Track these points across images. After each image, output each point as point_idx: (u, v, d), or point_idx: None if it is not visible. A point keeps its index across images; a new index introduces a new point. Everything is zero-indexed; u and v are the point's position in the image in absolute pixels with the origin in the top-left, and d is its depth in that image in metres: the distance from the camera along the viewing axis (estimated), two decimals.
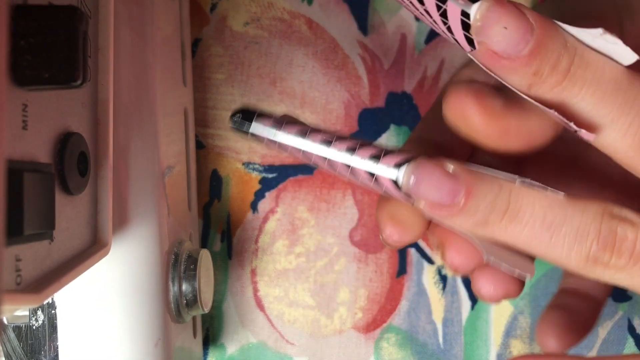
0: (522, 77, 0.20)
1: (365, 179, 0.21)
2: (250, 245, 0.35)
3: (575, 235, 0.21)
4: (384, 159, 0.21)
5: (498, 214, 0.21)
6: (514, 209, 0.21)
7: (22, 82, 0.17)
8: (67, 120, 0.21)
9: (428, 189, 0.21)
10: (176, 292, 0.27)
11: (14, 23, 0.17)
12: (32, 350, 0.25)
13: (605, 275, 0.21)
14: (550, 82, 0.20)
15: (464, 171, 0.21)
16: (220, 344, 0.35)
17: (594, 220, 0.21)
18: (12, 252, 0.17)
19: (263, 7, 0.35)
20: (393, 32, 0.34)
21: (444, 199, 0.21)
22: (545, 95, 0.20)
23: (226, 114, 0.35)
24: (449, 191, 0.20)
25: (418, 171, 0.21)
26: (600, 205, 0.21)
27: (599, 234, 0.21)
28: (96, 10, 0.22)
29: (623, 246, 0.21)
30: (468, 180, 0.21)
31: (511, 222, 0.21)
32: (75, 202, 0.21)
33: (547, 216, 0.21)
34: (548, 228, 0.21)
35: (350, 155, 0.21)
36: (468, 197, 0.21)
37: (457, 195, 0.21)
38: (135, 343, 0.25)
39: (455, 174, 0.21)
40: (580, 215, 0.21)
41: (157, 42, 0.28)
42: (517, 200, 0.21)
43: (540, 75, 0.20)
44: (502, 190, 0.21)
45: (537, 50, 0.19)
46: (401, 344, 0.35)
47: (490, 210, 0.21)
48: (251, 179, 0.35)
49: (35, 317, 0.25)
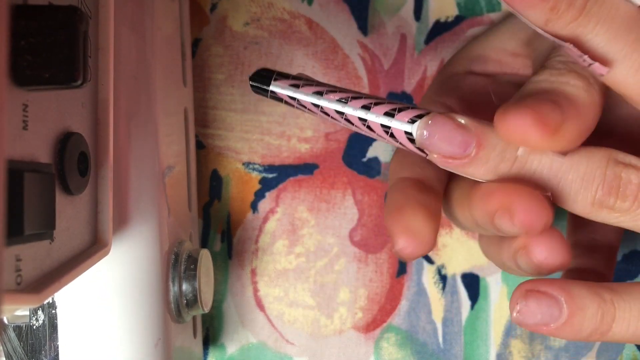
0: (540, 13, 0.21)
1: (382, 134, 0.22)
2: (250, 245, 0.35)
3: (581, 181, 0.22)
4: (399, 115, 0.22)
5: (508, 163, 0.22)
6: (522, 157, 0.22)
7: (23, 82, 0.17)
8: (68, 120, 0.21)
9: (441, 141, 0.21)
10: (176, 292, 0.27)
11: (14, 23, 0.17)
12: (33, 350, 0.25)
13: (611, 218, 0.22)
14: (567, 17, 0.21)
15: (476, 123, 0.22)
16: (220, 344, 0.35)
17: (599, 166, 0.22)
18: (13, 252, 0.17)
19: (263, 7, 0.35)
20: (393, 32, 0.34)
21: (456, 151, 0.21)
22: (561, 31, 0.21)
23: (226, 114, 0.35)
24: (460, 142, 0.21)
25: (431, 125, 0.22)
26: (606, 152, 0.22)
27: (604, 179, 0.22)
28: (96, 10, 0.22)
29: (627, 190, 0.22)
30: (479, 132, 0.21)
31: (520, 170, 0.22)
32: (75, 202, 0.21)
33: (554, 164, 0.22)
34: (555, 175, 0.22)
35: (366, 112, 0.22)
36: (479, 147, 0.21)
37: (469, 147, 0.21)
38: (136, 343, 0.25)
39: (466, 126, 0.21)
40: (586, 162, 0.22)
41: (157, 42, 0.28)
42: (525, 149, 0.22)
43: (557, 10, 0.20)
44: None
45: None
46: (401, 343, 0.35)
47: (500, 159, 0.22)
48: (251, 179, 0.35)
49: (35, 316, 0.25)
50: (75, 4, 0.21)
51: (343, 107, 0.23)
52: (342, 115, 0.23)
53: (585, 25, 0.21)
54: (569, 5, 0.21)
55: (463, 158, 0.22)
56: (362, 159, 0.35)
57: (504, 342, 0.34)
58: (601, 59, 0.21)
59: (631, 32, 0.21)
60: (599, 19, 0.21)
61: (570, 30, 0.21)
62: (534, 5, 0.21)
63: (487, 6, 0.34)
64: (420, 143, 0.22)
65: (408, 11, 0.34)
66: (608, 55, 0.21)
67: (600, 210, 0.22)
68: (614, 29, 0.21)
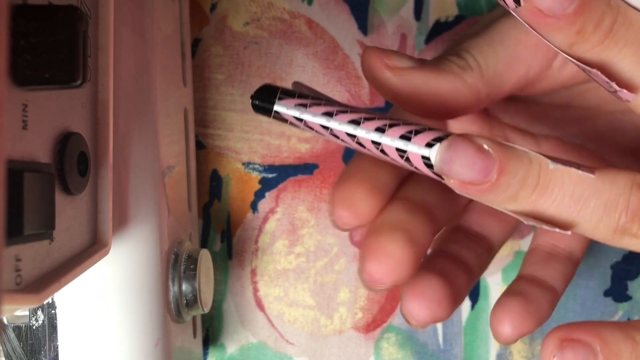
0: (566, 36, 0.20)
1: (397, 158, 0.21)
2: (250, 245, 0.35)
3: (604, 207, 0.21)
4: (415, 138, 0.21)
5: (528, 189, 0.21)
6: (544, 183, 0.21)
7: (22, 82, 0.17)
8: (67, 120, 0.21)
9: (461, 167, 0.20)
10: (176, 292, 0.27)
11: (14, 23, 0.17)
12: (32, 350, 0.25)
13: (632, 244, 0.21)
14: (593, 40, 0.20)
15: (497, 146, 0.21)
16: (220, 344, 0.35)
17: (622, 192, 0.21)
18: (12, 252, 0.17)
19: (263, 7, 0.35)
20: (393, 32, 0.34)
21: (476, 177, 0.20)
22: (586, 55, 0.20)
23: (226, 114, 0.35)
24: (481, 168, 0.20)
25: (450, 150, 0.20)
26: (630, 176, 0.21)
27: (628, 205, 0.21)
28: (96, 10, 0.22)
29: None
30: (501, 156, 0.20)
31: (541, 196, 0.21)
32: (75, 202, 0.21)
33: (576, 190, 0.21)
34: (577, 202, 0.21)
35: (380, 136, 0.21)
36: (500, 173, 0.20)
37: (489, 173, 0.20)
38: (135, 343, 0.25)
39: (488, 150, 0.20)
40: (609, 188, 0.21)
41: (157, 42, 0.28)
42: (547, 174, 0.21)
43: (584, 33, 0.20)
44: (532, 165, 0.21)
45: (581, 8, 0.19)
46: (401, 344, 0.35)
47: (520, 185, 0.21)
48: (251, 179, 0.35)
49: (35, 317, 0.25)
50: (75, 3, 0.21)
51: (355, 130, 0.21)
52: (353, 138, 0.21)
53: (611, 48, 0.20)
54: (596, 27, 0.20)
55: (483, 184, 0.20)
56: None
57: None
58: (627, 85, 0.21)
59: None
60: (626, 42, 0.20)
61: (596, 53, 0.20)
62: (559, 28, 0.20)
63: (488, 6, 0.34)
64: (439, 169, 0.21)
65: (408, 11, 0.34)
66: (635, 79, 0.20)
67: (623, 237, 0.21)
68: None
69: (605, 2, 0.20)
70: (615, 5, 0.20)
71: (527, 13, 0.20)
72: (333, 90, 0.35)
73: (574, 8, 0.19)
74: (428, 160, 0.21)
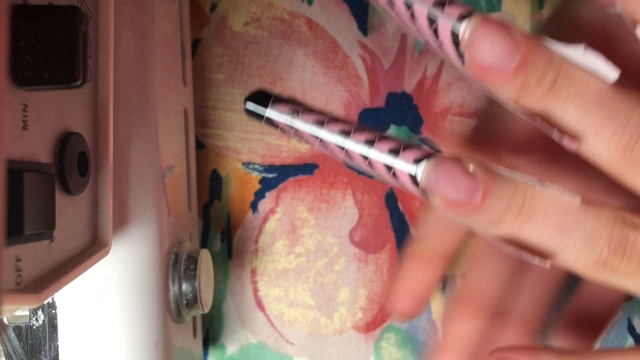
0: (510, 90, 0.21)
1: (383, 172, 0.21)
2: (250, 245, 0.35)
3: (586, 239, 0.21)
4: (403, 154, 0.21)
5: (512, 215, 0.21)
6: (528, 210, 0.21)
7: (22, 82, 0.17)
8: (67, 120, 0.21)
9: (446, 186, 0.21)
10: (176, 292, 0.27)
11: (14, 23, 0.17)
12: (33, 350, 0.25)
13: (612, 279, 0.22)
14: (537, 94, 0.21)
15: (483, 170, 0.21)
16: (220, 344, 0.35)
17: (606, 226, 0.21)
18: (12, 252, 0.17)
19: (263, 7, 0.35)
20: (393, 32, 0.34)
21: (461, 197, 0.21)
22: (532, 107, 0.21)
23: (226, 114, 0.35)
24: (466, 189, 0.21)
25: (437, 168, 0.21)
26: (614, 211, 0.22)
27: (611, 239, 0.21)
28: (96, 10, 0.22)
29: (634, 252, 0.21)
30: (486, 180, 0.21)
31: (525, 223, 0.21)
32: (75, 202, 0.21)
33: (560, 219, 0.21)
34: (560, 231, 0.21)
35: (368, 148, 0.21)
36: (485, 196, 0.21)
37: (474, 194, 0.21)
38: (135, 343, 0.25)
39: (474, 172, 0.21)
40: (593, 220, 0.21)
41: (157, 42, 0.28)
42: (532, 201, 0.21)
43: (527, 88, 0.21)
44: (517, 191, 0.21)
45: (523, 65, 0.20)
46: (401, 343, 0.35)
47: (505, 210, 0.21)
48: (251, 179, 0.35)
49: (35, 317, 0.25)
50: (75, 4, 0.21)
51: (344, 141, 0.21)
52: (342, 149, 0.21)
53: (555, 101, 0.21)
54: (539, 83, 0.21)
55: (467, 205, 0.21)
56: None
57: None
58: (571, 135, 0.21)
59: (600, 108, 0.21)
60: (569, 96, 0.21)
61: (541, 106, 0.21)
62: (503, 83, 0.21)
63: (487, 6, 0.34)
64: (425, 185, 0.21)
65: None
66: (578, 130, 0.21)
67: (603, 270, 0.21)
68: (583, 105, 0.21)
69: (547, 58, 0.21)
70: (557, 61, 0.21)
71: (472, 69, 0.21)
72: (333, 90, 0.35)
73: (515, 64, 0.20)
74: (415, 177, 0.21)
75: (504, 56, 0.20)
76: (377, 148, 0.21)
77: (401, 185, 0.21)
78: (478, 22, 0.20)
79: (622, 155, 0.21)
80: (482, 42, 0.20)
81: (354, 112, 0.35)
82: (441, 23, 0.20)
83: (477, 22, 0.20)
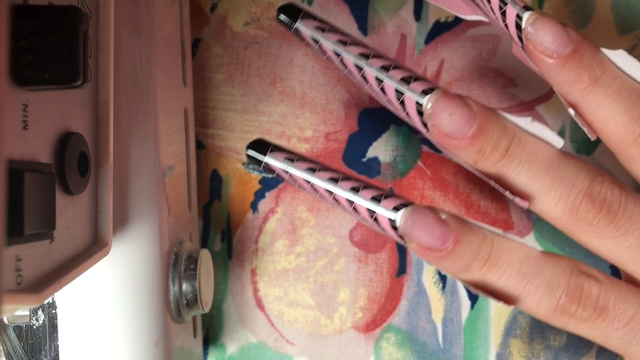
0: (468, 154, 0.24)
1: (366, 217, 0.24)
2: (250, 245, 0.35)
3: (547, 286, 0.24)
4: (384, 201, 0.24)
5: (480, 261, 0.24)
6: (494, 258, 0.24)
7: (23, 82, 0.17)
8: (68, 120, 0.21)
9: (421, 232, 0.23)
10: (176, 292, 0.27)
11: (14, 23, 0.17)
12: (33, 350, 0.25)
13: (570, 325, 0.24)
14: (492, 159, 0.24)
15: (455, 220, 0.24)
16: (220, 343, 0.35)
17: (564, 274, 0.24)
18: (13, 252, 0.17)
19: (263, 7, 0.35)
20: (393, 32, 0.34)
21: (434, 243, 0.23)
22: (488, 170, 0.24)
23: (226, 114, 0.35)
24: (439, 236, 0.23)
25: (414, 215, 0.23)
26: (570, 262, 0.24)
27: (568, 287, 0.23)
28: (96, 11, 0.22)
29: (588, 300, 0.23)
30: (457, 228, 0.23)
31: (491, 269, 0.24)
32: (75, 202, 0.21)
33: (523, 267, 0.24)
34: (523, 277, 0.24)
35: (353, 195, 0.24)
36: (456, 243, 0.23)
37: (446, 241, 0.23)
38: (136, 343, 0.25)
39: (446, 221, 0.23)
40: (552, 269, 0.24)
41: (157, 42, 0.28)
42: (498, 250, 0.24)
43: (483, 153, 0.24)
44: (485, 240, 0.24)
45: (479, 133, 0.23)
46: (401, 343, 0.35)
47: (474, 257, 0.23)
48: (251, 179, 0.35)
49: (35, 316, 0.25)
50: (75, 4, 0.21)
51: (334, 187, 0.24)
52: (330, 194, 0.24)
53: (508, 165, 0.24)
54: (494, 149, 0.23)
55: (440, 251, 0.23)
56: (362, 159, 0.35)
57: (504, 341, 0.34)
58: (522, 195, 0.24)
59: (549, 172, 0.24)
60: (521, 161, 0.24)
61: (496, 169, 0.24)
62: (462, 148, 0.24)
63: None
64: (403, 231, 0.23)
65: (408, 11, 0.34)
66: (530, 191, 0.24)
67: (562, 316, 0.24)
68: (534, 169, 0.24)
69: (501, 127, 0.24)
70: (511, 130, 0.24)
71: (435, 136, 0.24)
72: (333, 90, 0.35)
73: (472, 132, 0.23)
74: (394, 222, 0.23)
75: (462, 125, 0.23)
76: (361, 195, 0.24)
77: (382, 230, 0.24)
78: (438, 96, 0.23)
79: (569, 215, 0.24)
80: (442, 113, 0.23)
81: (354, 112, 0.35)
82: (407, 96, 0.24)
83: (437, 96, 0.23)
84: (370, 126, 0.35)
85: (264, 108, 0.35)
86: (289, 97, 0.35)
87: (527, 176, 0.24)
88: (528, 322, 0.34)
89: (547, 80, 0.24)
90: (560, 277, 0.24)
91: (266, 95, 0.35)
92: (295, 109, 0.35)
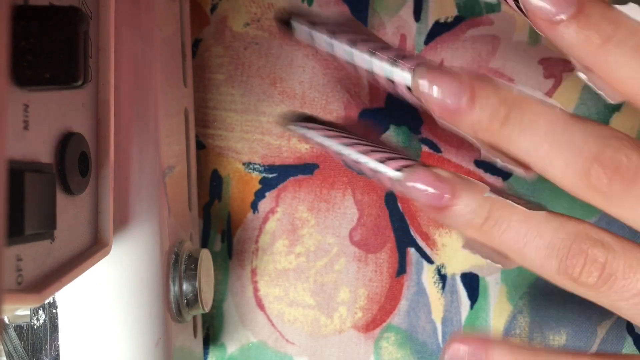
0: (467, 126, 0.23)
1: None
2: (250, 245, 0.35)
3: (545, 249, 0.23)
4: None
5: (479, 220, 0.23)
6: (493, 216, 0.23)
7: (23, 82, 0.17)
8: (68, 120, 0.21)
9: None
10: (177, 292, 0.27)
11: (15, 23, 0.17)
12: (34, 350, 0.25)
13: (577, 289, 0.23)
14: (491, 128, 0.23)
15: (453, 177, 0.24)
16: (221, 343, 0.35)
17: (565, 239, 0.23)
18: (13, 252, 0.17)
19: (263, 7, 0.35)
20: (393, 32, 0.34)
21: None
22: (489, 140, 0.24)
23: (226, 114, 0.35)
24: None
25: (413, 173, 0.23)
26: (579, 225, 0.23)
27: (569, 252, 0.23)
28: (97, 11, 0.22)
29: (593, 267, 0.22)
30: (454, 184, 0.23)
31: (491, 227, 0.23)
32: (76, 202, 0.21)
33: (522, 228, 0.23)
34: (523, 237, 0.23)
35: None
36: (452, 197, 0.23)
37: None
38: (136, 342, 0.26)
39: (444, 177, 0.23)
40: (553, 232, 0.23)
41: (157, 43, 0.28)
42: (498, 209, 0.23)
43: (481, 122, 0.23)
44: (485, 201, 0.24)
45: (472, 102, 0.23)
46: (401, 343, 0.35)
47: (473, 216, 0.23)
48: (251, 179, 0.35)
49: (36, 316, 0.25)
50: (75, 4, 0.21)
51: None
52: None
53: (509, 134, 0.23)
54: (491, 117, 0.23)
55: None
56: None
57: None
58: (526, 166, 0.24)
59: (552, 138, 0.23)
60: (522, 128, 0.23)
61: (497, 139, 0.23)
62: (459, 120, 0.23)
63: (487, 7, 0.34)
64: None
65: (408, 11, 0.34)
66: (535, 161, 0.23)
67: (565, 279, 0.23)
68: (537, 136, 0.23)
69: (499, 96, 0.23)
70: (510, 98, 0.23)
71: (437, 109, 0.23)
72: (333, 90, 0.35)
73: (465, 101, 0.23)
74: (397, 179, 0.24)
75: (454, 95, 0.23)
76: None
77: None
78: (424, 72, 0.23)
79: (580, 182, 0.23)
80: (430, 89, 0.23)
81: (354, 112, 0.35)
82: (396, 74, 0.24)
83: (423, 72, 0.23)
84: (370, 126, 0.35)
85: (264, 108, 0.35)
86: (289, 98, 0.35)
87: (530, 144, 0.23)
88: (527, 322, 0.34)
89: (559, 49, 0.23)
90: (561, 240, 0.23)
91: (266, 96, 0.35)
92: (295, 109, 0.35)
